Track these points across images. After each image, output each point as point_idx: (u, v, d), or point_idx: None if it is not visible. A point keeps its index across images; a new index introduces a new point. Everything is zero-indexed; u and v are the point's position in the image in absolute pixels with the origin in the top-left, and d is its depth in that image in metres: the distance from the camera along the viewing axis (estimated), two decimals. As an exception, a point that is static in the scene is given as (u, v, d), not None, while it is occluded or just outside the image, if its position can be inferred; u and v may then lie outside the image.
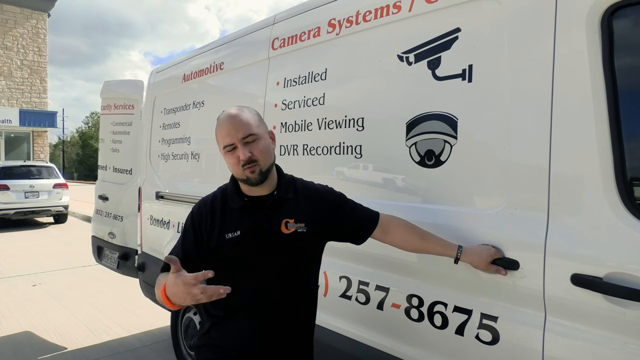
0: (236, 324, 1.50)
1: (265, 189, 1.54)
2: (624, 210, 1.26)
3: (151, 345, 4.16)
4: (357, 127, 2.08)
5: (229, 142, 1.45)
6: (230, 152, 1.47)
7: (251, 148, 1.45)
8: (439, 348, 1.71)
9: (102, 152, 4.91)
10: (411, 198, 1.87)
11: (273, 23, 2.69)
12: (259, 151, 1.46)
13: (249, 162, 1.44)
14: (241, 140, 1.44)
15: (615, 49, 1.31)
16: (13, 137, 20.09)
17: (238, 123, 1.45)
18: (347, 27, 2.16)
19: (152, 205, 3.86)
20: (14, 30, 19.43)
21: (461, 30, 1.70)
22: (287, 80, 2.50)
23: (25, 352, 4.00)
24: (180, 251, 1.51)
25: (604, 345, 1.28)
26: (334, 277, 2.14)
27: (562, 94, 1.39)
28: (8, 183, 11.28)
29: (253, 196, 1.54)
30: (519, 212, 1.50)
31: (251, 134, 1.45)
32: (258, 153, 1.45)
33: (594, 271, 1.29)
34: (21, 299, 5.55)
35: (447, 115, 1.72)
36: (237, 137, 1.44)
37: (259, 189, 1.52)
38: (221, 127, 1.48)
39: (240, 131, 1.44)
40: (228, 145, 1.46)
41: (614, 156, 1.28)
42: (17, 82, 19.66)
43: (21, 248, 9.00)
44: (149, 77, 4.24)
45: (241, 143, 1.44)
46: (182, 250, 1.51)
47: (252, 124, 1.48)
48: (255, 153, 1.45)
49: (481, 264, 1.52)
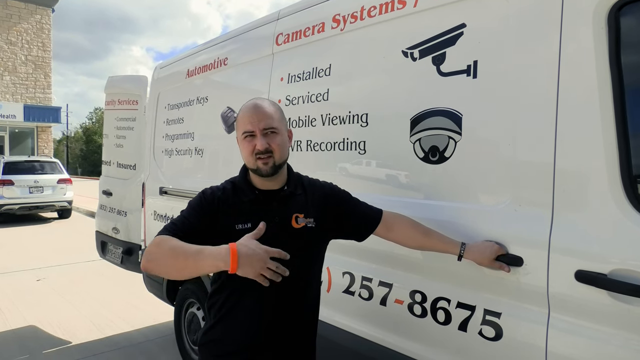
0: (242, 318, 1.51)
1: (276, 183, 1.55)
2: (629, 206, 1.26)
3: (155, 340, 4.19)
4: (361, 123, 2.08)
5: (249, 129, 1.47)
6: (247, 140, 1.49)
7: (269, 140, 1.47)
8: (441, 344, 1.71)
9: (106, 148, 4.92)
10: (415, 194, 1.87)
11: (277, 18, 2.68)
12: (277, 145, 1.48)
13: (264, 153, 1.46)
14: (262, 130, 1.47)
15: (622, 46, 1.30)
16: (17, 133, 20.18)
17: (262, 113, 1.48)
18: (351, 22, 2.16)
19: (155, 201, 3.87)
20: (18, 25, 19.50)
21: (466, 26, 1.69)
22: (291, 76, 2.50)
23: (30, 346, 4.03)
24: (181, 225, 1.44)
25: (608, 341, 1.28)
26: (337, 273, 2.14)
27: (567, 91, 1.39)
28: (12, 178, 11.32)
29: (264, 190, 1.54)
30: (523, 208, 1.49)
31: (272, 127, 1.48)
32: (275, 146, 1.48)
33: (598, 268, 1.29)
34: (26, 293, 5.59)
35: (451, 111, 1.72)
36: (259, 126, 1.46)
37: (270, 183, 1.54)
38: (245, 113, 1.51)
39: (263, 121, 1.47)
40: (247, 132, 1.48)
41: (619, 152, 1.28)
42: (22, 78, 19.73)
43: (25, 243, 9.06)
44: (153, 72, 4.25)
45: (261, 133, 1.47)
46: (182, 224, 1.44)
47: (275, 117, 1.51)
48: (273, 146, 1.47)
49: (485, 261, 1.52)
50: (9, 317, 4.75)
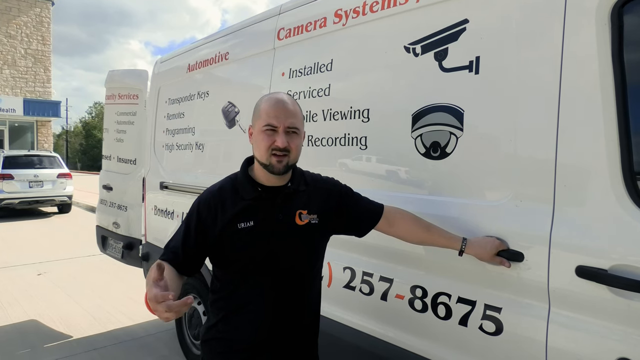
0: (245, 315, 1.51)
1: (281, 180, 1.54)
2: (630, 202, 1.26)
3: (156, 334, 4.20)
4: (362, 118, 2.08)
5: (274, 124, 1.44)
6: (267, 133, 1.45)
7: (289, 140, 1.45)
8: (442, 339, 1.72)
9: (107, 142, 4.92)
10: (416, 190, 1.87)
11: (279, 13, 2.68)
12: (295, 146, 1.47)
13: (282, 151, 1.44)
14: (286, 128, 1.45)
15: (625, 42, 1.30)
16: (17, 127, 20.15)
17: (290, 111, 1.46)
18: (353, 17, 2.15)
19: (156, 196, 3.87)
20: (17, 18, 19.41)
21: (469, 22, 1.69)
22: (292, 71, 2.49)
23: (32, 340, 4.04)
24: (180, 246, 1.48)
25: (608, 336, 1.29)
26: (338, 268, 2.15)
27: (570, 87, 1.39)
28: (12, 172, 11.32)
29: (267, 186, 1.53)
30: (524, 204, 1.50)
31: (296, 127, 1.47)
32: (294, 147, 1.47)
33: (599, 263, 1.29)
34: (27, 287, 5.60)
35: (453, 107, 1.72)
36: (285, 123, 1.44)
37: (276, 179, 1.52)
38: (270, 106, 1.46)
39: (289, 119, 1.45)
40: (270, 126, 1.44)
41: (620, 148, 1.28)
42: (21, 71, 19.67)
43: (26, 237, 9.06)
44: (154, 67, 4.24)
45: (284, 130, 1.44)
46: (182, 245, 1.48)
47: (299, 119, 1.50)
48: (292, 146, 1.45)
49: (486, 256, 1.52)
50: (10, 311, 4.76)
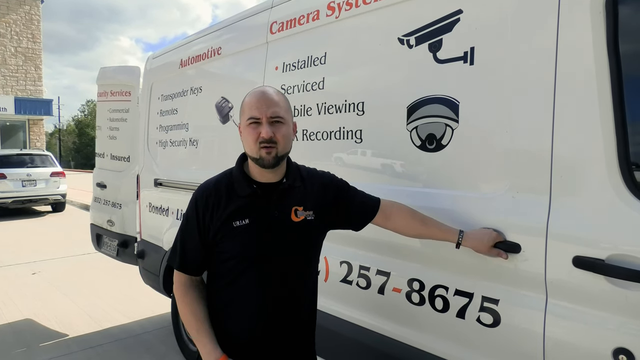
0: (241, 311, 1.50)
1: (275, 176, 1.51)
2: (626, 192, 1.26)
3: (152, 331, 4.19)
4: (357, 111, 2.06)
5: (256, 116, 1.42)
6: (252, 127, 1.43)
7: (274, 130, 1.42)
8: (440, 331, 1.72)
9: (100, 140, 4.88)
10: (412, 183, 1.87)
11: (271, 6, 2.65)
12: (281, 135, 1.43)
13: (268, 142, 1.41)
14: (268, 118, 1.42)
15: (620, 33, 1.29)
16: (9, 126, 19.95)
17: (270, 101, 1.44)
18: (346, 10, 2.13)
19: (150, 193, 3.85)
20: (7, 16, 19.16)
21: (463, 12, 1.67)
22: (285, 65, 2.47)
23: (27, 338, 4.02)
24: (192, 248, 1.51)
25: (605, 326, 1.29)
26: (334, 262, 2.14)
27: (565, 77, 1.38)
28: (5, 172, 11.22)
29: (262, 183, 1.50)
30: (521, 195, 1.49)
31: (279, 116, 1.44)
32: (280, 137, 1.43)
33: (596, 253, 1.29)
34: (21, 286, 5.57)
35: (448, 98, 1.71)
36: (266, 114, 1.42)
37: (269, 175, 1.50)
38: (251, 99, 1.45)
39: (271, 109, 1.42)
40: (253, 119, 1.43)
41: (617, 139, 1.28)
42: (12, 70, 19.45)
43: (20, 236, 9.00)
44: (146, 63, 4.20)
45: (267, 121, 1.42)
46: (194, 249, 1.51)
47: (283, 107, 1.46)
48: (278, 136, 1.42)
49: (483, 248, 1.52)
50: (5, 310, 4.73)
